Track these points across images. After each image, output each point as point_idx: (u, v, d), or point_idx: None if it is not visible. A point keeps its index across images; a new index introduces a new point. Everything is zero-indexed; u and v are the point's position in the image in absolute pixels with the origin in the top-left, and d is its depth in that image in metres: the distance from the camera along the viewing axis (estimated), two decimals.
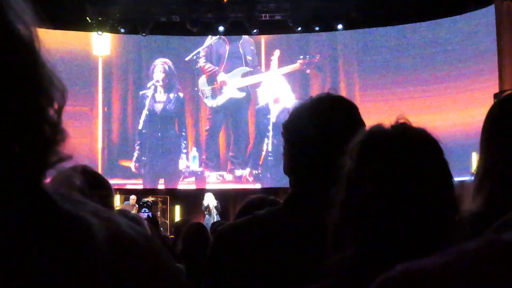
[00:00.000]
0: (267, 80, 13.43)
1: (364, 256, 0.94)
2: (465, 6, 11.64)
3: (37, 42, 0.51)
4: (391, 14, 12.16)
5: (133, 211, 9.43)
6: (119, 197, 11.43)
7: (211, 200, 11.45)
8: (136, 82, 13.40)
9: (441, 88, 12.15)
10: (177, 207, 12.79)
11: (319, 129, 1.27)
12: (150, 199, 12.05)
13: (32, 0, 0.53)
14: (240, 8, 12.34)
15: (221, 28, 12.50)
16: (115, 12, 12.20)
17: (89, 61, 13.01)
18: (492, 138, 1.30)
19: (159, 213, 12.13)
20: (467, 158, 7.55)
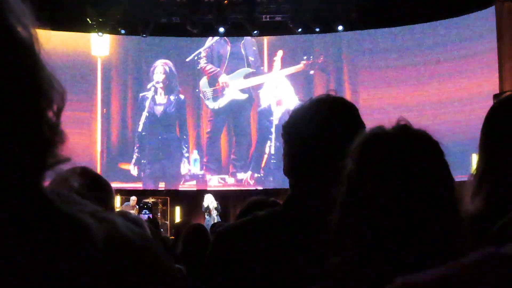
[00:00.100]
0: (269, 81, 13.25)
1: (364, 257, 0.94)
2: (466, 7, 11.64)
3: (37, 45, 0.52)
4: (391, 15, 12.16)
5: (133, 212, 9.41)
6: (119, 198, 11.40)
7: (211, 201, 11.44)
8: (136, 83, 13.24)
9: (442, 88, 12.17)
10: (177, 208, 12.76)
11: (319, 130, 1.26)
12: (151, 200, 12.03)
13: (32, 1, 0.53)
14: (241, 9, 12.33)
15: (221, 29, 12.46)
16: (116, 13, 12.19)
17: (87, 62, 12.86)
18: (492, 139, 1.30)
19: (159, 214, 12.09)
20: (467, 158, 7.55)
